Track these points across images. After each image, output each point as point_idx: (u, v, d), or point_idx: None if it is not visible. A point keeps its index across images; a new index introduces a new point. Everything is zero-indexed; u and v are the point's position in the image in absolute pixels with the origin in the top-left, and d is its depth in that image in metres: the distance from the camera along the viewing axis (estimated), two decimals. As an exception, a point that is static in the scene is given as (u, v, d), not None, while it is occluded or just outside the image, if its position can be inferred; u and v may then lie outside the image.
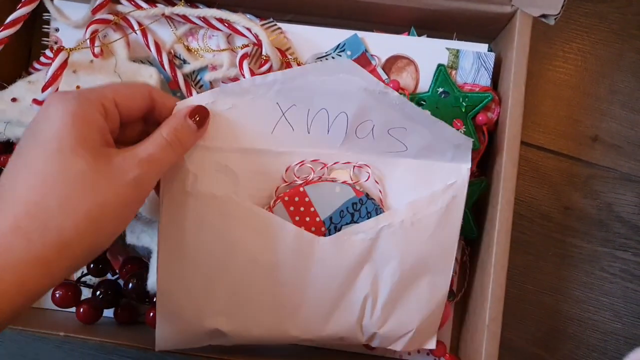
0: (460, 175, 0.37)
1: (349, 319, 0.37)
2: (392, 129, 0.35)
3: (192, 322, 0.35)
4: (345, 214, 0.36)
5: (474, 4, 0.39)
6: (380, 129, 0.35)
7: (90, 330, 0.39)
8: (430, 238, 0.36)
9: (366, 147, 0.36)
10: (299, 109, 0.34)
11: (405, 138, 0.36)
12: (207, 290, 0.35)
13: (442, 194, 0.36)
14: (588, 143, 0.46)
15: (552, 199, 0.46)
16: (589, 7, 0.47)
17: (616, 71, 0.46)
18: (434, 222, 0.36)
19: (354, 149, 0.36)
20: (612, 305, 0.45)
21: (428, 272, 0.37)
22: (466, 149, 0.36)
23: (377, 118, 0.34)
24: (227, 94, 0.33)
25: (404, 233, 0.36)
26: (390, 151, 0.36)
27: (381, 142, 0.36)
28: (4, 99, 0.37)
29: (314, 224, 0.36)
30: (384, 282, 0.36)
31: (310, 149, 0.36)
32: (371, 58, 0.41)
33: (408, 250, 0.36)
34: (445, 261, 0.37)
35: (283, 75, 0.33)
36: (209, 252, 0.34)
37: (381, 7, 0.40)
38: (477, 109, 0.39)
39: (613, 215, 0.45)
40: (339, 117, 0.34)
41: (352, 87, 0.33)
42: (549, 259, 0.45)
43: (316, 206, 0.36)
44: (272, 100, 0.33)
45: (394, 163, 0.37)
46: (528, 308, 0.45)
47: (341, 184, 0.36)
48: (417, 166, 0.37)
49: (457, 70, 0.41)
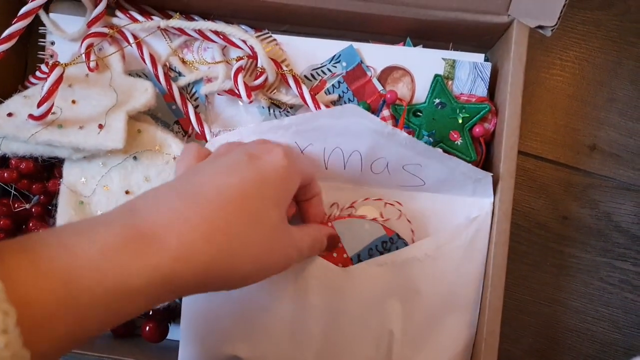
0: (483, 209, 0.36)
1: (374, 354, 0.35)
2: (407, 165, 0.35)
3: (213, 347, 0.35)
4: (374, 252, 0.35)
5: (470, 14, 0.39)
6: (395, 166, 0.36)
7: (87, 345, 0.39)
8: (455, 272, 0.36)
9: (383, 182, 0.37)
10: (315, 147, 0.35)
11: (421, 173, 0.36)
12: (230, 317, 0.35)
13: (466, 228, 0.36)
14: (586, 152, 0.46)
15: (549, 208, 0.46)
16: (587, 14, 0.47)
17: (614, 79, 0.46)
18: (458, 256, 0.36)
19: (371, 183, 0.37)
20: (611, 316, 0.44)
21: (454, 308, 0.36)
22: (487, 183, 0.36)
23: (389, 156, 0.35)
24: (253, 135, 0.35)
25: (429, 266, 0.35)
26: (408, 185, 0.37)
27: (397, 177, 0.36)
28: (0, 114, 0.37)
29: (342, 260, 0.35)
30: (410, 317, 0.35)
31: (328, 183, 0.37)
32: (367, 69, 0.41)
33: (433, 284, 0.36)
34: (471, 298, 0.36)
35: (297, 119, 0.34)
36: None
37: (377, 18, 0.40)
38: (474, 120, 0.39)
39: (612, 224, 0.45)
40: (352, 154, 0.35)
41: (361, 128, 0.34)
42: (547, 269, 0.45)
43: (344, 242, 0.35)
44: (291, 139, 0.35)
45: (412, 197, 0.37)
46: (525, 319, 0.45)
47: (370, 222, 0.36)
48: (437, 200, 0.37)
49: (453, 81, 0.41)
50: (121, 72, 0.40)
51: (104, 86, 0.39)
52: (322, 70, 0.41)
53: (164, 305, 0.38)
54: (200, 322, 0.35)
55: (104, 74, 0.40)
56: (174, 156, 0.38)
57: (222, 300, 0.35)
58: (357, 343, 0.36)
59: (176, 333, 0.42)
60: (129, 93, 0.39)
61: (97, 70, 0.40)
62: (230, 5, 0.41)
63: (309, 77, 0.41)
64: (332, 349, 0.35)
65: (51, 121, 0.36)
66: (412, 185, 0.37)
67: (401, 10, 0.39)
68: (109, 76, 0.40)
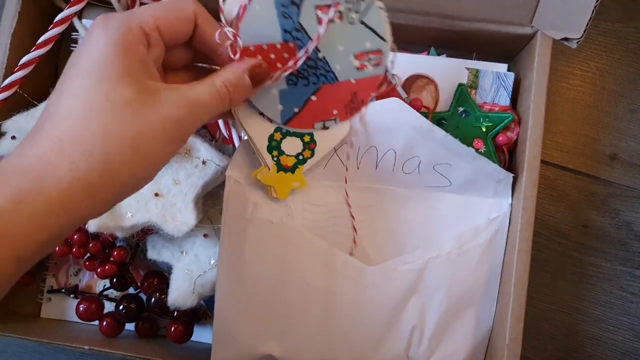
0: (502, 210, 0.38)
1: (397, 349, 0.37)
2: (438, 164, 0.37)
3: (246, 346, 0.36)
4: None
5: (494, 25, 0.39)
6: (426, 165, 0.37)
7: (112, 344, 0.40)
8: (475, 270, 0.37)
9: (411, 183, 0.38)
10: (349, 146, 0.36)
11: (449, 174, 0.37)
12: (262, 315, 0.36)
13: (486, 229, 0.38)
14: (606, 161, 0.46)
15: (570, 217, 0.46)
16: (608, 26, 0.47)
17: (635, 90, 0.47)
18: (478, 254, 0.37)
19: (399, 184, 0.38)
20: (631, 325, 0.45)
21: (473, 304, 0.38)
22: (507, 184, 0.38)
23: (423, 154, 0.36)
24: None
25: (450, 265, 0.37)
26: (434, 186, 0.38)
27: (426, 177, 0.37)
28: (35, 117, 0.38)
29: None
30: (431, 313, 0.37)
31: (359, 184, 0.37)
32: (391, 77, 0.42)
33: (454, 281, 0.37)
34: (489, 294, 0.38)
35: None
36: (265, 277, 0.35)
37: (402, 28, 0.41)
38: (497, 129, 0.40)
39: (632, 234, 0.45)
40: (387, 153, 0.36)
41: (399, 124, 0.35)
42: (567, 277, 0.45)
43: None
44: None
45: (437, 198, 0.38)
46: (546, 327, 0.45)
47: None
48: (460, 201, 0.38)
49: (476, 90, 0.41)
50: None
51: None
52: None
53: (190, 306, 0.38)
54: (232, 322, 0.35)
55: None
56: (203, 160, 0.38)
57: (252, 301, 0.35)
58: (384, 339, 0.37)
59: (199, 334, 0.43)
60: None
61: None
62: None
63: (334, 84, 0.42)
64: (360, 345, 0.37)
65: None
66: (438, 186, 0.38)
67: (427, 20, 0.39)
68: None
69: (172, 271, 0.40)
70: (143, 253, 0.42)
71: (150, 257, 0.40)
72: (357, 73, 0.30)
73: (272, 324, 0.36)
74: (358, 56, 0.30)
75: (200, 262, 0.39)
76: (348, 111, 0.31)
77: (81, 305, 0.41)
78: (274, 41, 0.29)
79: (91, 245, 0.41)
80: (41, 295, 0.44)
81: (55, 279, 0.44)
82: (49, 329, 0.42)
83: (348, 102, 0.31)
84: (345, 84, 0.30)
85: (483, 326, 0.38)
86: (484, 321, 0.38)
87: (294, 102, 0.31)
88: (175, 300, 0.38)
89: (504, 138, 0.40)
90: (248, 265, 0.35)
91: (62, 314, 0.44)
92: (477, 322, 0.38)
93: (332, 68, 0.30)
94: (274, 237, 0.35)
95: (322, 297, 0.36)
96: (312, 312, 0.36)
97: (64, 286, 0.44)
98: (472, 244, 0.37)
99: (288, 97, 0.30)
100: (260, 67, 0.29)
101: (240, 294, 0.35)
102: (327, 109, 0.31)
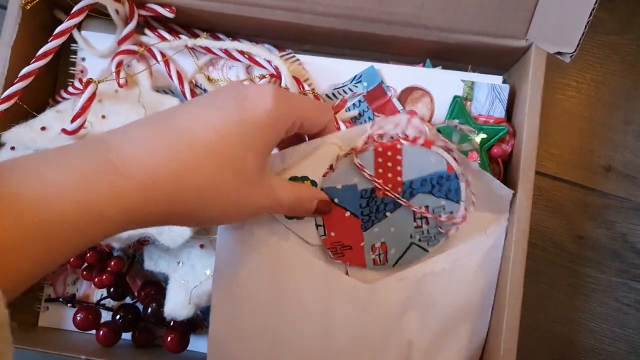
0: (498, 225, 0.38)
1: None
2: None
3: None
4: (426, 184, 0.35)
5: (489, 38, 0.40)
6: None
7: (109, 353, 0.40)
8: (470, 285, 0.37)
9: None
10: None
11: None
12: (258, 339, 0.35)
13: (481, 243, 0.37)
14: (602, 173, 0.46)
15: (565, 228, 0.46)
16: (603, 38, 0.47)
17: (630, 102, 0.47)
18: (473, 269, 0.37)
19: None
20: (627, 337, 0.45)
21: (468, 318, 0.38)
22: (507, 200, 0.37)
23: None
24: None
25: (445, 279, 0.37)
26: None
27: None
28: (34, 127, 0.38)
29: (394, 182, 0.35)
30: (427, 328, 0.37)
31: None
32: (387, 89, 0.42)
33: (449, 295, 0.37)
34: (483, 308, 0.38)
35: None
36: (261, 300, 0.35)
37: (398, 40, 0.41)
38: (492, 142, 0.40)
39: (627, 245, 0.45)
40: None
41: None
42: (562, 288, 0.46)
43: (404, 166, 0.35)
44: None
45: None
46: (541, 338, 0.45)
47: (437, 154, 0.35)
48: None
49: (472, 102, 0.42)
50: (149, 89, 0.41)
51: (132, 102, 0.41)
52: (343, 90, 0.42)
53: (187, 317, 0.38)
54: (226, 345, 0.35)
55: (133, 90, 0.41)
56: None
57: (249, 318, 0.35)
58: (381, 355, 0.37)
59: (196, 344, 0.43)
60: (157, 109, 0.40)
61: (126, 87, 0.41)
62: (255, 25, 0.42)
63: (330, 96, 0.43)
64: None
65: (83, 135, 0.38)
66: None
67: (423, 33, 0.40)
68: (137, 92, 0.41)
69: (168, 282, 0.40)
70: (140, 263, 0.42)
71: (147, 267, 0.41)
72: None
73: (268, 348, 0.35)
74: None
75: (197, 272, 0.39)
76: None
77: (78, 315, 0.41)
78: (353, 210, 0.34)
79: (88, 255, 0.41)
80: (39, 304, 0.44)
81: (52, 288, 0.44)
82: (46, 338, 0.42)
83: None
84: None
85: (476, 340, 0.39)
86: (477, 335, 0.38)
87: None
88: (171, 311, 0.38)
89: (499, 150, 0.40)
90: (243, 288, 0.35)
91: (60, 323, 0.44)
92: (472, 335, 0.38)
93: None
94: (270, 257, 0.35)
95: (319, 317, 0.35)
96: (310, 335, 0.35)
97: (61, 295, 0.44)
98: (468, 258, 0.37)
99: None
100: (327, 206, 0.33)
101: (235, 316, 0.35)
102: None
